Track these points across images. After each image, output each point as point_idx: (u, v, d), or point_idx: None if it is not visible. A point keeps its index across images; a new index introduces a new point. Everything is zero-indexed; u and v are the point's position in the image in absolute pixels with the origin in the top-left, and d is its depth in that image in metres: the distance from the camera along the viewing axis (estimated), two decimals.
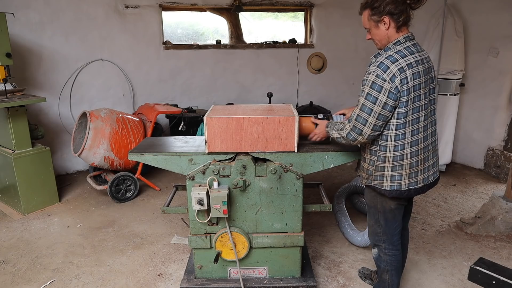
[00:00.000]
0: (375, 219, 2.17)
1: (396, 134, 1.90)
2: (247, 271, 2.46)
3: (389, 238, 2.17)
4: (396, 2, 1.83)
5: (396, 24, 1.88)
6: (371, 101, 1.84)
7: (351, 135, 1.94)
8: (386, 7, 1.84)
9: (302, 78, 5.66)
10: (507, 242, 3.20)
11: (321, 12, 5.55)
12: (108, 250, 3.14)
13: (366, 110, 1.86)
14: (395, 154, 1.93)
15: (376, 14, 1.89)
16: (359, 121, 1.89)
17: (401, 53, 1.85)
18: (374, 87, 1.83)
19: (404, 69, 1.81)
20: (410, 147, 1.92)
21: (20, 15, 4.20)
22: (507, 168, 4.40)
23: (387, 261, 2.21)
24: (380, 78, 1.82)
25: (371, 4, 1.89)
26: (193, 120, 4.68)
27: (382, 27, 1.90)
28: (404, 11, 1.86)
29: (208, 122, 2.16)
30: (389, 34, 1.91)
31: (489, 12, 4.50)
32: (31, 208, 3.81)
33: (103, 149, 3.86)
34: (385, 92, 1.81)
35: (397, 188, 1.98)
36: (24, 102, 3.58)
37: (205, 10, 5.55)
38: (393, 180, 1.97)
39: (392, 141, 1.92)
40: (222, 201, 2.16)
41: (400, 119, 1.87)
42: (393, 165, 1.95)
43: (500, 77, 4.53)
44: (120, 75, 4.98)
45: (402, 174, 1.96)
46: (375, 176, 2.02)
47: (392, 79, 1.80)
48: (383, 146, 1.95)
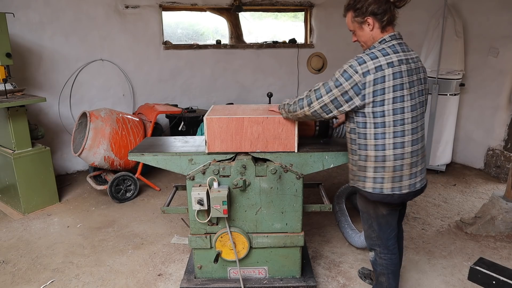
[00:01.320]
0: (369, 224, 2.13)
1: (376, 132, 1.84)
2: (247, 271, 2.46)
3: (383, 242, 2.13)
4: (378, 2, 1.81)
5: (380, 24, 1.85)
6: (335, 84, 1.82)
7: (301, 102, 1.93)
8: (369, 7, 1.82)
9: (302, 78, 5.66)
10: (507, 242, 3.20)
11: (321, 12, 5.55)
12: (108, 250, 3.14)
13: (326, 88, 1.85)
14: (376, 154, 1.86)
15: (360, 15, 1.86)
16: (316, 93, 1.87)
17: (383, 51, 1.81)
18: (344, 74, 1.81)
19: (383, 68, 1.77)
20: (393, 149, 1.84)
21: (20, 15, 4.20)
22: (507, 168, 4.40)
23: (383, 265, 2.18)
24: (352, 68, 1.79)
25: (354, 5, 1.87)
26: (193, 120, 4.69)
27: (366, 28, 1.88)
28: (388, 11, 1.83)
29: (208, 122, 2.16)
30: (373, 35, 1.88)
31: (489, 12, 4.50)
32: (31, 208, 3.81)
33: (103, 149, 3.86)
34: (351, 83, 1.79)
35: (379, 192, 1.91)
36: (24, 102, 3.58)
37: (205, 10, 5.55)
38: (375, 183, 1.91)
39: (372, 140, 1.86)
40: (222, 201, 2.16)
41: (377, 117, 1.82)
42: (375, 166, 1.88)
43: (500, 77, 4.53)
44: (120, 75, 4.98)
45: (384, 177, 1.88)
46: (358, 176, 1.97)
47: (365, 74, 1.77)
48: (362, 145, 1.90)
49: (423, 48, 4.64)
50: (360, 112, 1.85)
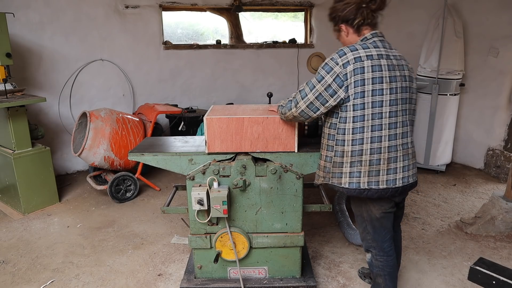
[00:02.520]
0: (363, 227, 2.11)
1: (354, 127, 1.84)
2: (247, 271, 2.46)
3: (379, 245, 2.11)
4: (348, 9, 1.87)
5: (353, 28, 1.91)
6: (317, 79, 1.85)
7: (288, 105, 1.96)
8: (340, 15, 1.91)
9: (302, 78, 5.65)
10: (507, 242, 3.20)
11: (321, 12, 5.54)
12: (108, 250, 3.14)
13: (310, 86, 1.87)
14: (353, 149, 1.86)
15: (335, 24, 1.98)
16: (301, 94, 1.90)
17: (364, 45, 1.85)
18: (325, 67, 1.84)
19: (362, 59, 1.79)
20: (370, 143, 1.84)
21: (20, 15, 4.20)
22: (507, 168, 4.40)
23: (379, 267, 2.16)
24: (333, 61, 1.83)
25: (330, 16, 1.99)
26: (193, 120, 4.69)
27: (343, 34, 1.98)
28: (358, 15, 1.87)
29: (208, 122, 2.16)
30: (350, 39, 1.95)
31: (489, 12, 4.50)
32: (31, 208, 3.81)
33: (103, 149, 3.86)
34: (332, 75, 1.81)
35: (356, 186, 1.90)
36: (24, 102, 3.58)
37: (205, 10, 5.55)
38: (351, 177, 1.89)
39: (350, 135, 1.85)
40: (222, 201, 2.16)
41: (356, 110, 1.82)
42: (351, 161, 1.87)
43: (500, 77, 4.53)
44: (120, 75, 4.98)
45: (361, 171, 1.88)
46: (333, 173, 1.95)
47: (345, 65, 1.79)
48: (340, 140, 1.89)
49: (423, 48, 4.64)
50: (344, 106, 1.85)
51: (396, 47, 1.95)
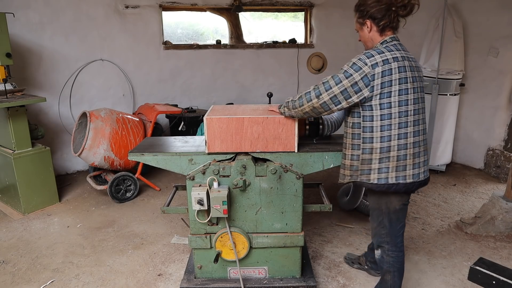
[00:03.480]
0: (379, 221, 2.16)
1: (382, 124, 1.92)
2: (247, 271, 2.46)
3: (392, 239, 2.18)
4: (378, 7, 1.94)
5: (378, 27, 1.97)
6: (344, 75, 1.89)
7: (308, 95, 1.96)
8: (369, 11, 1.96)
9: (302, 78, 5.65)
10: (507, 242, 3.20)
11: (321, 12, 5.55)
12: (108, 250, 3.14)
13: (336, 79, 1.90)
14: (382, 146, 1.93)
15: (361, 17, 2.01)
16: (325, 85, 1.92)
17: (388, 48, 1.93)
18: (353, 66, 1.89)
19: (389, 61, 1.87)
20: (397, 139, 1.92)
21: (20, 15, 4.20)
22: (507, 168, 4.40)
23: (390, 263, 2.21)
24: (362, 61, 1.88)
25: (358, 7, 2.02)
26: (193, 120, 4.69)
27: (365, 29, 2.02)
28: (386, 16, 1.94)
29: (208, 122, 2.16)
30: (372, 36, 2.01)
31: (489, 12, 4.50)
32: (31, 208, 3.81)
33: (103, 149, 3.86)
34: (361, 74, 1.86)
35: (384, 182, 1.98)
36: (24, 102, 3.58)
37: (205, 10, 5.55)
38: (380, 173, 1.97)
39: (378, 132, 1.93)
40: (222, 201, 2.16)
41: (384, 109, 1.90)
42: (380, 157, 1.95)
43: (500, 77, 4.53)
44: (120, 75, 4.98)
45: (389, 167, 1.96)
46: (362, 170, 2.01)
47: (373, 66, 1.86)
48: (368, 138, 1.96)
49: (423, 48, 4.64)
50: (367, 106, 1.92)
51: None
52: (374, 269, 2.74)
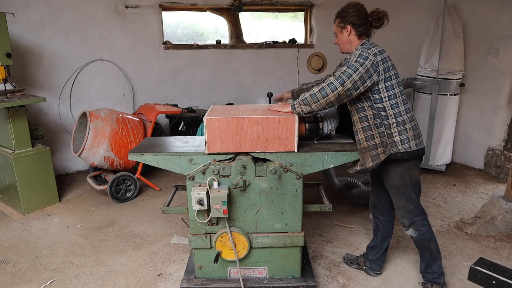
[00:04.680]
0: (407, 196, 2.35)
1: (391, 103, 2.23)
2: (247, 271, 2.46)
3: (421, 209, 2.41)
4: (358, 16, 2.28)
5: (356, 32, 2.31)
6: (359, 63, 2.13)
7: (332, 85, 2.11)
8: (350, 17, 2.29)
9: (302, 78, 5.65)
10: (507, 242, 3.20)
11: (321, 12, 5.55)
12: (108, 250, 3.14)
13: (353, 68, 2.12)
14: (397, 120, 2.24)
15: (342, 22, 2.33)
16: (345, 74, 2.12)
17: (372, 44, 2.27)
18: (361, 57, 2.15)
19: (382, 52, 2.22)
20: (406, 114, 2.26)
21: (20, 15, 4.20)
22: (507, 168, 4.40)
23: (428, 231, 2.42)
24: (365, 53, 2.17)
25: (340, 14, 2.34)
26: (193, 120, 4.68)
27: (345, 33, 2.34)
28: (364, 24, 2.29)
29: (208, 122, 2.16)
30: (350, 39, 2.34)
31: (489, 12, 4.50)
32: (31, 208, 3.81)
33: (103, 149, 3.86)
34: (369, 61, 2.14)
35: (409, 149, 2.26)
36: (24, 102, 3.58)
37: (205, 10, 5.54)
38: (403, 143, 2.25)
39: (391, 110, 2.24)
40: (222, 201, 2.16)
41: (389, 90, 2.22)
42: (398, 130, 2.24)
43: (500, 77, 4.53)
44: (120, 75, 4.98)
45: (409, 137, 2.26)
46: (391, 143, 2.26)
47: (375, 55, 2.17)
48: (384, 116, 2.24)
49: (423, 48, 4.64)
50: (375, 90, 2.22)
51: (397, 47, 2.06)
52: (373, 269, 2.75)
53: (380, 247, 2.71)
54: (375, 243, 2.73)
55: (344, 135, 2.60)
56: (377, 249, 2.72)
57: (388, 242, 2.71)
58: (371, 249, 2.76)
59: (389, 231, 2.68)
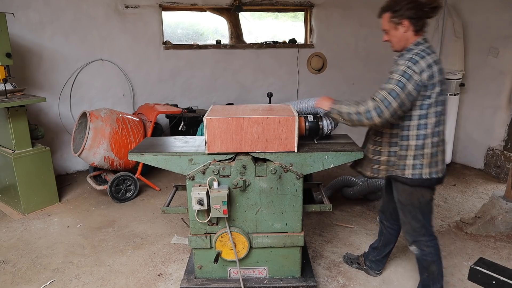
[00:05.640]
0: (412, 215, 2.23)
1: (419, 124, 2.04)
2: (247, 271, 2.46)
3: (428, 230, 2.26)
4: (415, 8, 1.98)
5: (414, 28, 2.03)
6: (400, 87, 1.94)
7: (370, 114, 1.99)
8: (407, 11, 1.99)
9: (302, 78, 5.65)
10: (507, 242, 3.20)
11: (321, 12, 5.55)
12: (108, 250, 3.14)
13: (393, 95, 1.95)
14: (417, 143, 2.06)
15: (396, 17, 2.03)
16: (385, 103, 1.96)
17: (427, 51, 2.00)
18: (405, 76, 1.94)
19: (432, 65, 1.96)
20: (431, 137, 2.05)
21: (20, 15, 4.20)
22: (507, 168, 4.40)
23: (432, 253, 2.27)
24: (410, 69, 1.94)
25: (392, 7, 2.04)
26: (193, 120, 4.68)
27: (400, 29, 2.05)
28: (422, 17, 2.01)
29: (208, 122, 2.16)
30: (407, 36, 2.05)
31: (489, 12, 4.50)
32: (31, 208, 3.81)
33: (103, 149, 3.86)
34: (413, 83, 1.93)
35: (418, 177, 2.10)
36: (24, 102, 3.58)
37: (205, 10, 5.54)
38: (414, 169, 2.09)
39: (414, 130, 2.05)
40: (222, 201, 2.16)
41: (423, 109, 2.01)
42: (415, 154, 2.08)
43: (500, 77, 4.53)
44: (120, 75, 4.98)
45: (423, 163, 2.08)
46: (398, 165, 2.14)
47: (421, 73, 1.94)
48: (405, 136, 2.08)
49: None
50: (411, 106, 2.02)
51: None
52: (373, 269, 2.75)
53: (381, 250, 2.69)
54: (377, 245, 2.71)
55: (344, 135, 2.60)
56: (378, 251, 2.70)
57: (390, 248, 2.67)
58: (373, 250, 2.75)
59: (393, 238, 2.63)
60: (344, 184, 3.92)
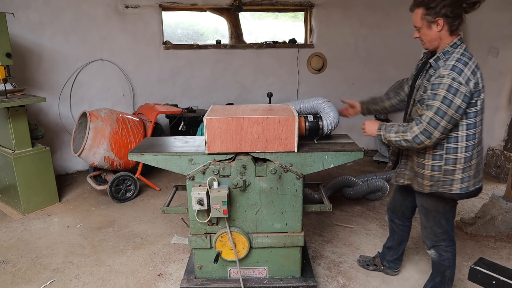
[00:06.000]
0: (436, 221, 2.16)
1: (468, 134, 1.90)
2: (247, 271, 2.46)
3: (450, 235, 2.19)
4: (453, 5, 1.83)
5: (450, 27, 1.88)
6: (447, 104, 1.80)
7: (419, 139, 1.89)
8: (443, 9, 1.83)
9: (302, 78, 5.65)
10: (507, 242, 3.20)
11: (321, 12, 5.54)
12: (108, 250, 3.14)
13: (440, 114, 1.82)
14: (466, 155, 1.92)
15: (431, 15, 1.87)
16: (431, 124, 1.85)
17: (467, 55, 1.87)
18: (450, 90, 1.80)
19: (475, 71, 1.84)
20: (477, 147, 1.95)
21: (20, 15, 4.20)
22: (507, 168, 4.40)
23: (450, 258, 2.22)
24: (456, 81, 1.79)
25: (427, 3, 1.86)
26: (193, 120, 4.68)
27: (434, 28, 1.89)
28: (460, 15, 1.86)
29: (208, 122, 2.16)
30: (441, 36, 1.90)
31: (489, 12, 4.48)
32: (31, 208, 3.81)
33: (103, 149, 3.86)
34: (460, 96, 1.79)
35: (465, 190, 1.98)
36: (24, 102, 3.58)
37: (205, 10, 5.54)
38: (463, 182, 1.97)
39: (463, 142, 1.91)
40: (222, 201, 2.16)
41: (470, 118, 1.88)
42: (464, 167, 1.94)
43: (500, 77, 4.53)
44: (120, 75, 4.98)
45: (471, 175, 1.96)
46: (444, 181, 1.99)
47: (468, 82, 1.80)
48: (452, 149, 1.93)
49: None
50: None
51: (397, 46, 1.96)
52: (392, 268, 2.74)
53: (397, 249, 2.68)
54: (392, 245, 2.69)
55: (344, 135, 2.60)
56: (394, 251, 2.69)
57: (405, 245, 2.67)
58: (389, 250, 2.72)
59: (406, 235, 2.62)
60: (344, 184, 3.92)
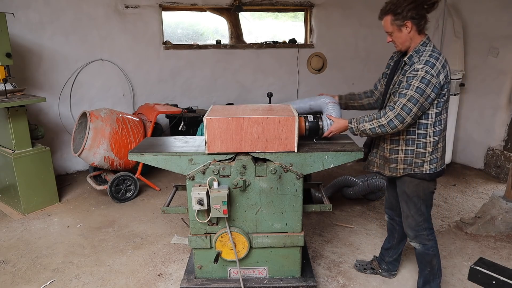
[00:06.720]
0: (417, 208, 2.28)
1: (435, 121, 2.12)
2: (247, 271, 2.46)
3: (429, 223, 2.33)
4: (416, 8, 2.02)
5: (418, 27, 2.08)
6: (419, 93, 2.01)
7: (393, 123, 2.06)
8: (408, 12, 2.02)
9: (302, 78, 5.65)
10: (507, 242, 3.20)
11: (321, 12, 5.55)
12: (108, 250, 3.14)
13: (413, 101, 2.01)
14: (434, 140, 2.15)
15: (399, 19, 2.06)
16: (404, 110, 2.03)
17: (436, 52, 2.08)
18: (423, 81, 2.00)
19: (445, 65, 2.06)
20: (443, 132, 2.18)
21: (20, 15, 4.20)
22: (507, 168, 4.40)
23: (434, 246, 2.34)
24: (429, 73, 2.00)
25: (393, 10, 2.06)
26: (193, 120, 4.68)
27: (404, 30, 2.09)
28: (424, 16, 2.05)
29: (208, 122, 2.16)
30: (411, 36, 2.10)
31: (489, 12, 4.50)
32: (31, 208, 3.81)
33: (103, 149, 3.86)
34: (431, 86, 2.01)
35: (434, 171, 2.20)
36: (24, 102, 3.58)
37: (205, 10, 5.54)
38: (431, 164, 2.18)
39: (431, 128, 2.13)
40: (222, 201, 2.16)
41: (438, 107, 2.10)
42: (432, 150, 2.17)
43: (500, 77, 4.53)
44: (120, 75, 4.98)
45: (438, 157, 2.19)
46: (416, 163, 2.20)
47: (438, 75, 2.02)
48: (422, 134, 2.15)
49: None
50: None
51: None
52: (390, 270, 2.73)
53: (396, 248, 2.68)
54: (391, 245, 2.68)
55: (344, 135, 2.60)
56: (394, 250, 2.69)
57: (404, 243, 2.67)
58: (387, 251, 2.71)
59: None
60: (344, 184, 3.92)
